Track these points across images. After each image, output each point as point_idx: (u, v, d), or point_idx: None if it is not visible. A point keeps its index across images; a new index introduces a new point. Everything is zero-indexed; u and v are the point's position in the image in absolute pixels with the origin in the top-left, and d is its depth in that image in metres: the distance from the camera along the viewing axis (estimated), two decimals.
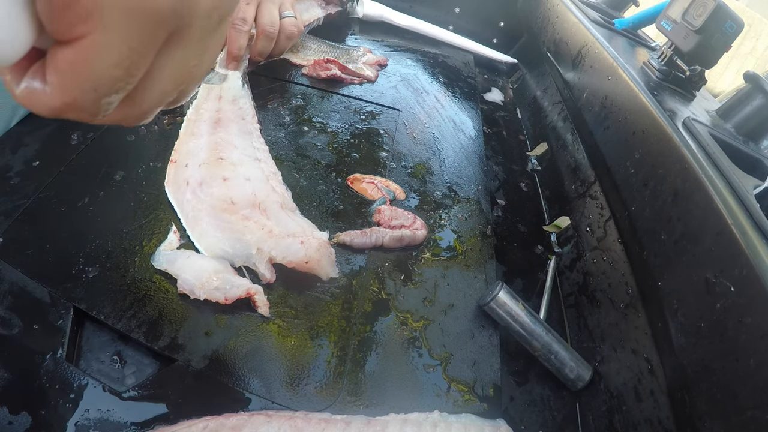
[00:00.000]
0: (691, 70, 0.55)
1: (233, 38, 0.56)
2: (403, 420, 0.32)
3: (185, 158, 0.45)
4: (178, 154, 0.46)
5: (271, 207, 0.43)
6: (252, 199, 0.42)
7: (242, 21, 0.57)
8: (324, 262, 0.39)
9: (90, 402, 0.29)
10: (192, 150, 0.46)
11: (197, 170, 0.44)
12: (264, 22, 0.59)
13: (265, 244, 0.39)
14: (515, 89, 0.92)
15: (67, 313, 0.33)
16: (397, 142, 0.59)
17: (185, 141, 0.47)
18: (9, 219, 0.37)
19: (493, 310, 0.41)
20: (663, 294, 0.37)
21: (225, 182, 0.43)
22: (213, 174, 0.43)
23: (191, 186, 0.42)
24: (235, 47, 0.56)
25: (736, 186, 0.36)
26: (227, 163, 0.45)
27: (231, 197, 0.42)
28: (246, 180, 0.44)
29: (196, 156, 0.45)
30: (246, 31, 0.57)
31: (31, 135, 0.45)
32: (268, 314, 0.36)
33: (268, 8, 0.60)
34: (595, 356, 0.43)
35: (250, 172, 0.45)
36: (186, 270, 0.36)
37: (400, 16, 0.89)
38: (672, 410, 0.34)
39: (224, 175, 0.43)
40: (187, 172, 0.44)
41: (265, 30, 0.59)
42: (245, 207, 0.41)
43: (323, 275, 0.40)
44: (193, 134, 0.48)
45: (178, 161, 0.45)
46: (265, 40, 0.60)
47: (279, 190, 0.45)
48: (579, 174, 0.61)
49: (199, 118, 0.49)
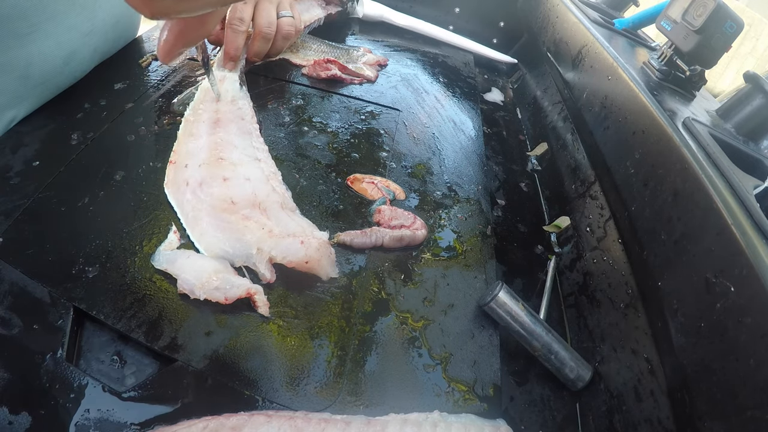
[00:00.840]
0: (691, 70, 0.55)
1: (230, 39, 0.56)
2: (403, 420, 0.32)
3: (185, 159, 0.45)
4: (177, 155, 0.45)
5: (271, 207, 0.43)
6: (252, 199, 0.42)
7: (239, 21, 0.56)
8: (324, 262, 0.39)
9: (90, 402, 0.29)
10: (191, 150, 0.46)
11: (197, 170, 0.44)
12: (261, 23, 0.59)
13: (265, 244, 0.39)
14: (515, 89, 0.92)
15: (67, 313, 0.33)
16: (397, 142, 0.59)
17: (184, 142, 0.47)
18: (9, 219, 0.37)
19: (493, 310, 0.41)
20: (663, 294, 0.37)
21: (225, 182, 0.43)
22: (213, 174, 0.43)
23: (191, 186, 0.42)
24: (232, 48, 0.56)
25: (736, 186, 0.36)
26: (227, 163, 0.45)
27: (231, 197, 0.42)
28: (246, 180, 0.44)
29: (196, 156, 0.45)
30: (243, 31, 0.57)
31: (31, 135, 0.45)
32: (268, 314, 0.36)
33: (265, 8, 0.59)
34: (595, 356, 0.43)
35: (251, 172, 0.45)
36: (186, 270, 0.36)
37: (400, 16, 0.89)
38: (672, 410, 0.34)
39: (224, 175, 0.43)
40: (187, 173, 0.43)
41: (262, 31, 0.59)
42: (245, 207, 0.42)
43: (323, 275, 0.40)
44: (192, 135, 0.48)
45: (177, 162, 0.45)
46: (262, 41, 0.60)
47: (279, 190, 0.45)
48: (579, 174, 0.61)
49: (198, 118, 0.49)
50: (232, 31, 0.56)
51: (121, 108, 0.51)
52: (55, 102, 0.50)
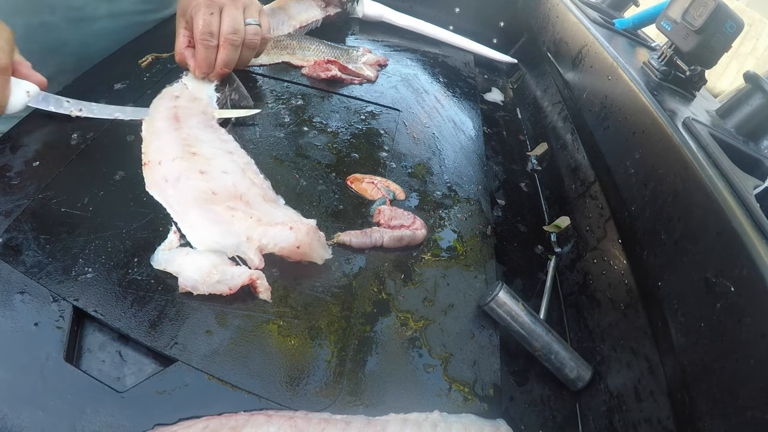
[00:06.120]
0: (691, 70, 0.55)
1: (202, 56, 0.53)
2: (403, 420, 0.32)
3: (157, 156, 0.45)
4: (147, 155, 0.46)
5: (254, 199, 0.43)
6: (233, 191, 0.43)
7: (210, 35, 0.52)
8: (315, 244, 0.39)
9: (90, 402, 0.29)
10: (160, 147, 0.46)
11: (172, 165, 0.44)
12: (225, 29, 0.53)
13: (255, 232, 0.39)
14: (515, 89, 0.92)
15: (67, 313, 0.33)
16: (397, 142, 0.59)
17: (150, 141, 0.47)
18: (9, 219, 0.37)
19: (493, 310, 0.41)
20: (663, 294, 0.37)
21: (203, 175, 0.43)
22: (189, 167, 0.43)
23: (170, 182, 0.42)
24: (205, 64, 0.53)
25: (736, 186, 0.36)
26: (201, 157, 0.45)
27: (211, 189, 0.42)
28: (224, 173, 0.44)
29: (167, 152, 0.45)
30: (215, 45, 0.53)
31: (31, 135, 0.45)
32: (269, 299, 0.37)
33: (230, 13, 0.53)
34: (595, 356, 0.43)
35: (226, 165, 0.45)
36: (186, 268, 0.36)
37: (400, 16, 0.89)
38: (672, 410, 0.34)
39: (201, 169, 0.44)
40: (163, 169, 0.44)
41: (228, 38, 0.53)
42: (228, 199, 0.42)
43: (317, 258, 0.40)
44: (155, 133, 0.48)
45: (150, 162, 0.45)
46: (230, 48, 0.53)
47: (257, 182, 0.45)
48: (579, 174, 0.61)
49: (156, 115, 0.50)
50: (203, 47, 0.52)
51: None
52: None
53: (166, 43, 0.58)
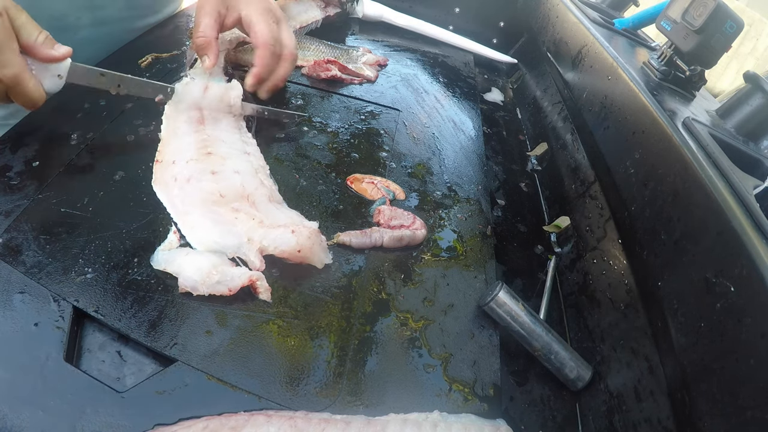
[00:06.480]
0: (691, 70, 0.55)
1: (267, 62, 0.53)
2: (403, 420, 0.32)
3: (172, 156, 0.45)
4: (162, 154, 0.46)
5: (260, 200, 0.43)
6: (241, 191, 0.43)
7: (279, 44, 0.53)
8: (316, 249, 0.40)
9: (90, 402, 0.29)
10: (178, 148, 0.46)
11: (185, 166, 0.44)
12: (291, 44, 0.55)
13: (256, 234, 0.39)
14: (515, 89, 0.92)
15: (67, 313, 0.33)
16: (397, 142, 0.59)
17: (168, 141, 0.47)
18: (9, 219, 0.37)
19: (493, 310, 0.41)
20: (663, 294, 0.37)
21: (214, 176, 0.43)
22: (202, 169, 0.43)
23: (179, 182, 0.42)
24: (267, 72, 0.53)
25: (736, 186, 0.36)
26: (216, 157, 0.45)
27: (220, 191, 0.42)
28: (235, 173, 0.44)
29: (184, 153, 0.45)
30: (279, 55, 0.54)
31: (31, 135, 0.45)
32: (270, 299, 0.37)
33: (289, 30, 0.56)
34: (595, 356, 0.43)
35: (239, 165, 0.45)
36: (185, 268, 0.36)
37: (400, 16, 0.89)
38: (672, 410, 0.34)
39: (213, 169, 0.44)
40: (175, 169, 0.44)
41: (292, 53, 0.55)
42: (234, 200, 0.42)
43: (317, 262, 0.40)
44: (177, 134, 0.47)
45: (163, 160, 0.45)
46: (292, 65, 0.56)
47: (267, 184, 0.45)
48: (579, 174, 0.61)
49: (179, 116, 0.49)
50: (271, 53, 0.52)
51: (121, 108, 0.51)
52: (55, 102, 0.50)
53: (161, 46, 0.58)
